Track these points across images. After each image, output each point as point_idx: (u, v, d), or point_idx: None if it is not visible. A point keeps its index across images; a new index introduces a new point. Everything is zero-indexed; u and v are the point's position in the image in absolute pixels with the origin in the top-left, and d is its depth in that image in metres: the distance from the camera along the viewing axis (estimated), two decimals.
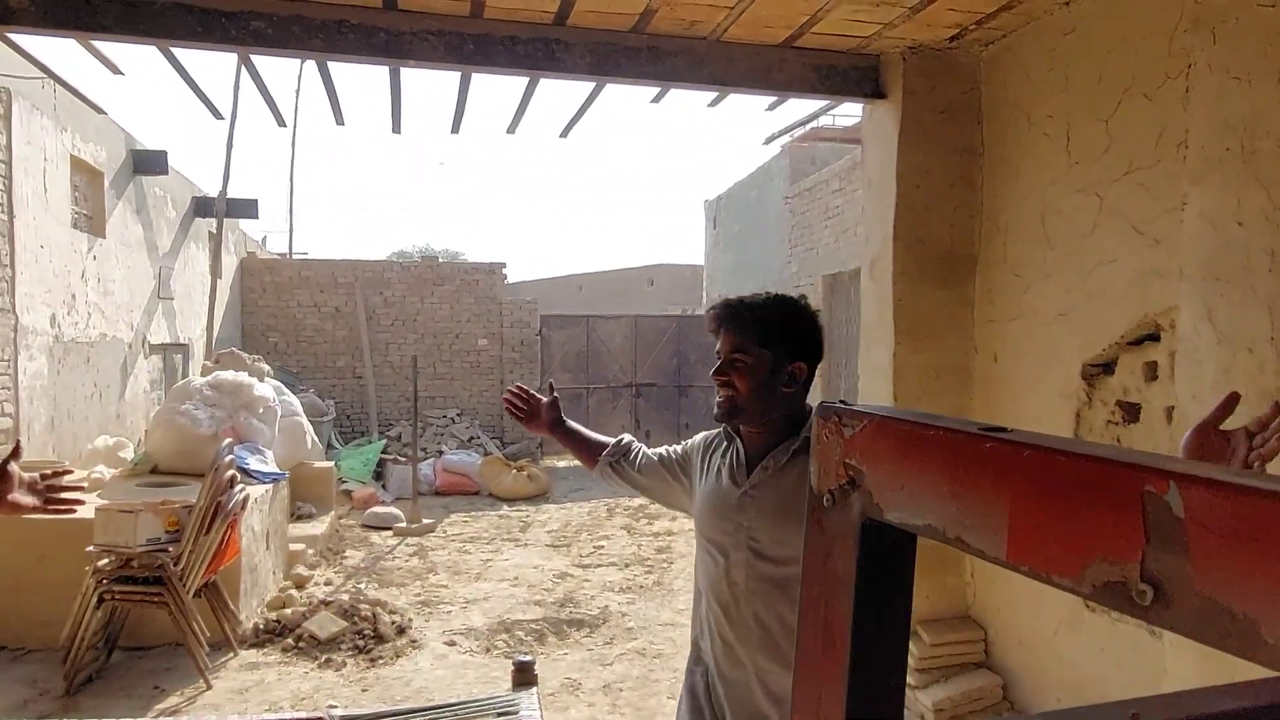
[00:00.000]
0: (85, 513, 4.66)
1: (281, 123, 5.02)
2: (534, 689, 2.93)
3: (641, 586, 6.33)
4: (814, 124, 9.56)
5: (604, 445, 2.28)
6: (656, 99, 4.50)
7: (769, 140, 5.66)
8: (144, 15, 3.37)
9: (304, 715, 2.72)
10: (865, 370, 4.41)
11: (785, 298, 1.89)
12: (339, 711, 2.75)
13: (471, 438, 11.95)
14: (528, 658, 3.08)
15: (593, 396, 13.09)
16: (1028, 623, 3.84)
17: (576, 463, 10.81)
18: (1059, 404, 3.61)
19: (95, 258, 7.38)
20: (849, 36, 3.86)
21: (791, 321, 1.84)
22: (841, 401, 0.61)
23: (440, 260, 13.51)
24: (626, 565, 6.93)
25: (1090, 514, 0.41)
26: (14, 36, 3.86)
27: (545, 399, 2.35)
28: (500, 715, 2.71)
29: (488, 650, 5.04)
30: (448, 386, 12.61)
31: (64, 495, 1.84)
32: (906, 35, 3.84)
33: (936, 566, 4.16)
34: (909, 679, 4.11)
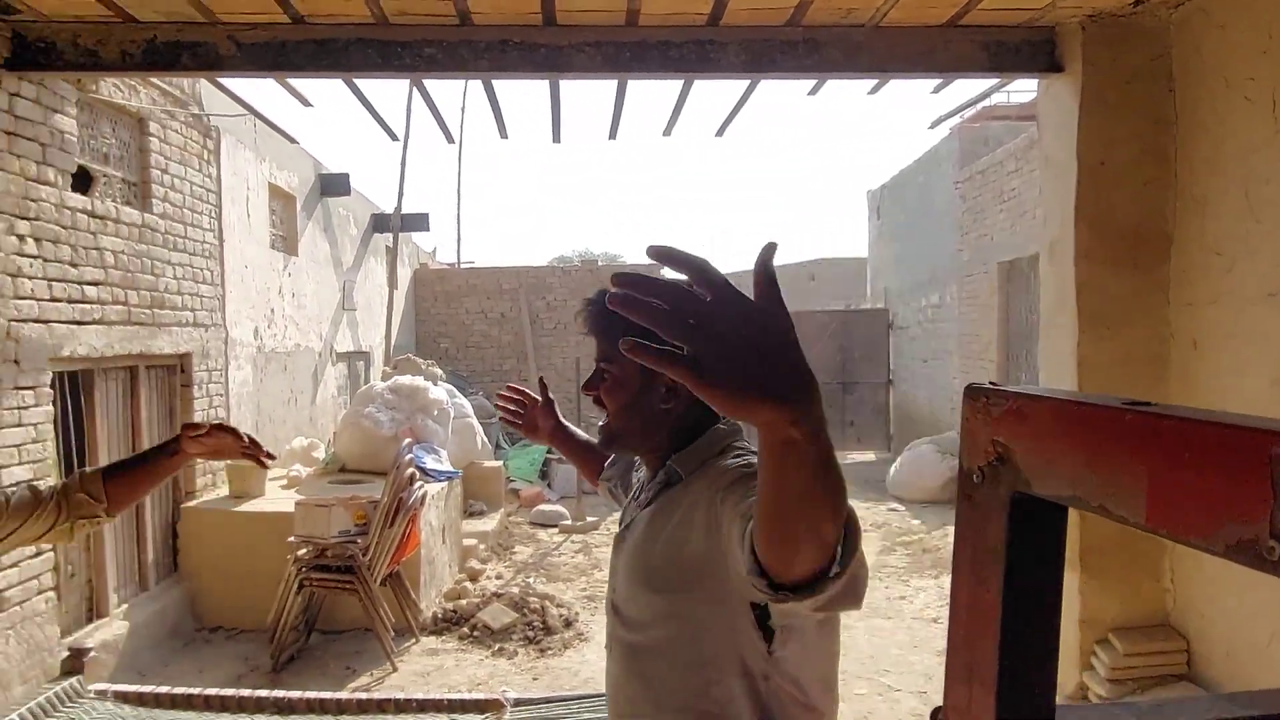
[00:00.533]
0: (286, 507, 5.13)
1: (450, 139, 5.30)
2: None
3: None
4: (985, 103, 9.03)
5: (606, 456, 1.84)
6: (813, 91, 4.41)
7: (935, 124, 5.40)
8: (330, 52, 3.66)
9: (482, 696, 2.87)
10: (1046, 361, 4.14)
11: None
12: (513, 695, 2.88)
13: None
14: None
15: None
16: (1237, 632, 3.48)
17: None
18: (1270, 391, 3.25)
19: (290, 274, 8.08)
20: (1020, 10, 3.63)
21: None
22: (991, 383, 0.63)
23: (600, 263, 13.86)
24: None
25: (1222, 477, 0.44)
26: (223, 80, 4.30)
27: (540, 400, 2.04)
28: None
29: None
30: None
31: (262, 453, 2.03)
32: (1084, 3, 3.57)
33: (1130, 570, 3.84)
34: (1100, 690, 3.81)
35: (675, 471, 1.34)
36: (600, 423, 1.43)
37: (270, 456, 1.93)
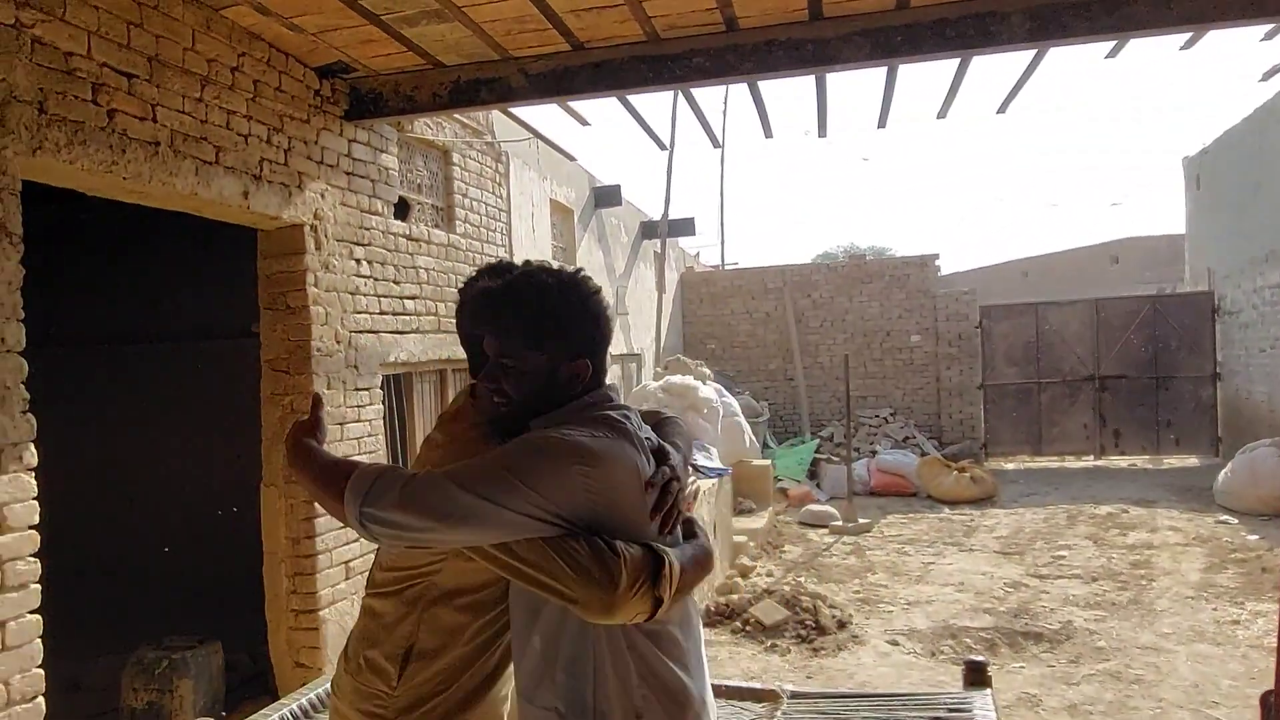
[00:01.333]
0: None
1: (716, 144, 5.42)
2: (988, 691, 2.76)
3: (1113, 603, 5.60)
4: None
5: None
6: (1112, 54, 3.98)
7: (1267, 76, 4.63)
8: (606, 73, 3.91)
9: (759, 686, 2.91)
10: None
11: (550, 284, 1.50)
12: (790, 688, 2.89)
13: (906, 437, 11.65)
14: (981, 659, 2.92)
15: (1045, 392, 11.86)
16: None
17: (1028, 464, 9.97)
18: None
19: None
20: None
21: (564, 316, 1.49)
22: None
23: (867, 258, 13.45)
24: (1094, 579, 6.18)
25: None
26: (513, 109, 4.74)
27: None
28: (951, 711, 2.61)
29: (933, 654, 4.87)
30: (879, 386, 12.47)
31: None
32: None
33: None
34: None
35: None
36: (494, 411, 1.52)
37: None
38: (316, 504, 1.48)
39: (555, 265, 1.61)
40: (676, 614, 1.47)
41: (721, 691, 2.94)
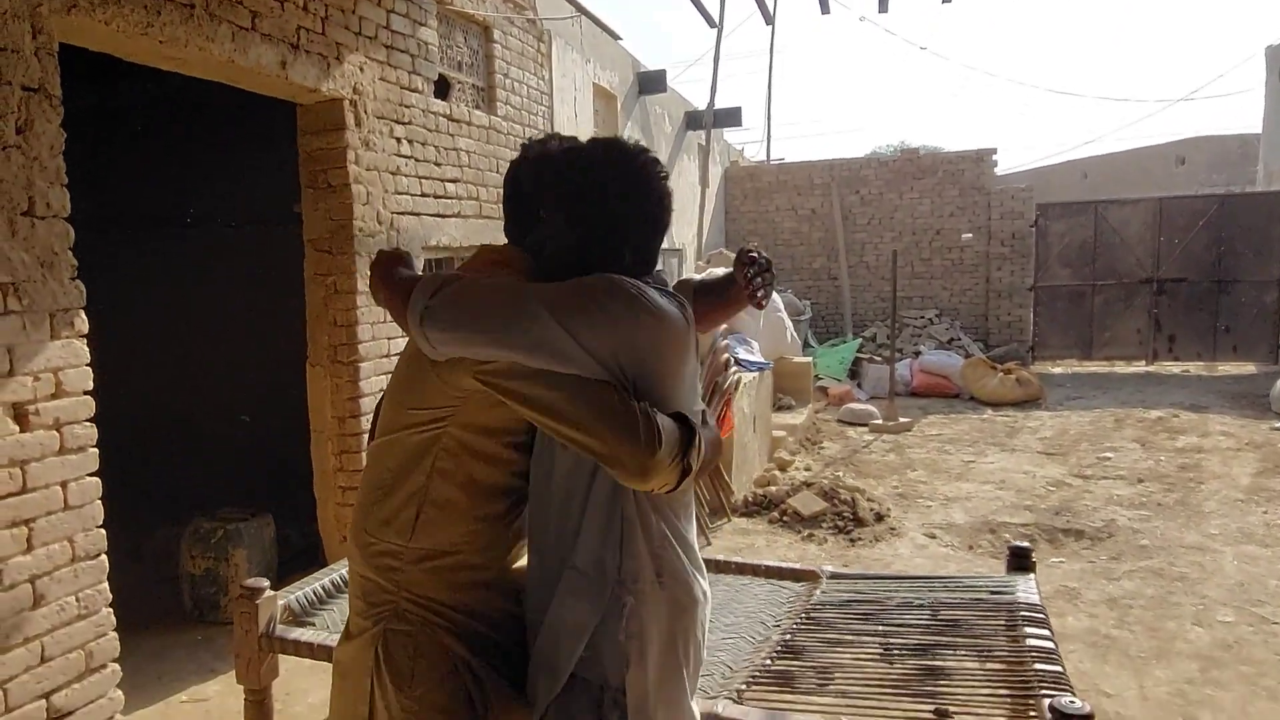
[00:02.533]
0: None
1: (768, 19, 5.15)
2: (1031, 575, 2.75)
3: (1159, 504, 5.53)
4: None
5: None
6: None
7: None
8: None
9: (798, 566, 2.92)
10: None
11: (604, 159, 1.46)
12: (829, 569, 2.89)
13: (951, 339, 11.45)
14: (1025, 544, 2.89)
15: (1099, 295, 11.49)
16: None
17: (1076, 369, 9.78)
18: None
19: None
20: None
21: (612, 193, 1.43)
22: None
23: (920, 153, 12.93)
24: (1140, 480, 6.10)
25: None
26: None
27: None
28: (992, 594, 2.60)
29: (970, 548, 4.87)
30: (926, 286, 12.19)
31: None
32: None
33: None
34: None
35: None
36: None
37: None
38: (394, 320, 1.46)
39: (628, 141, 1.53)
40: (689, 491, 1.48)
41: (760, 571, 2.95)
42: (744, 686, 2.10)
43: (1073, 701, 1.69)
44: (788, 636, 2.37)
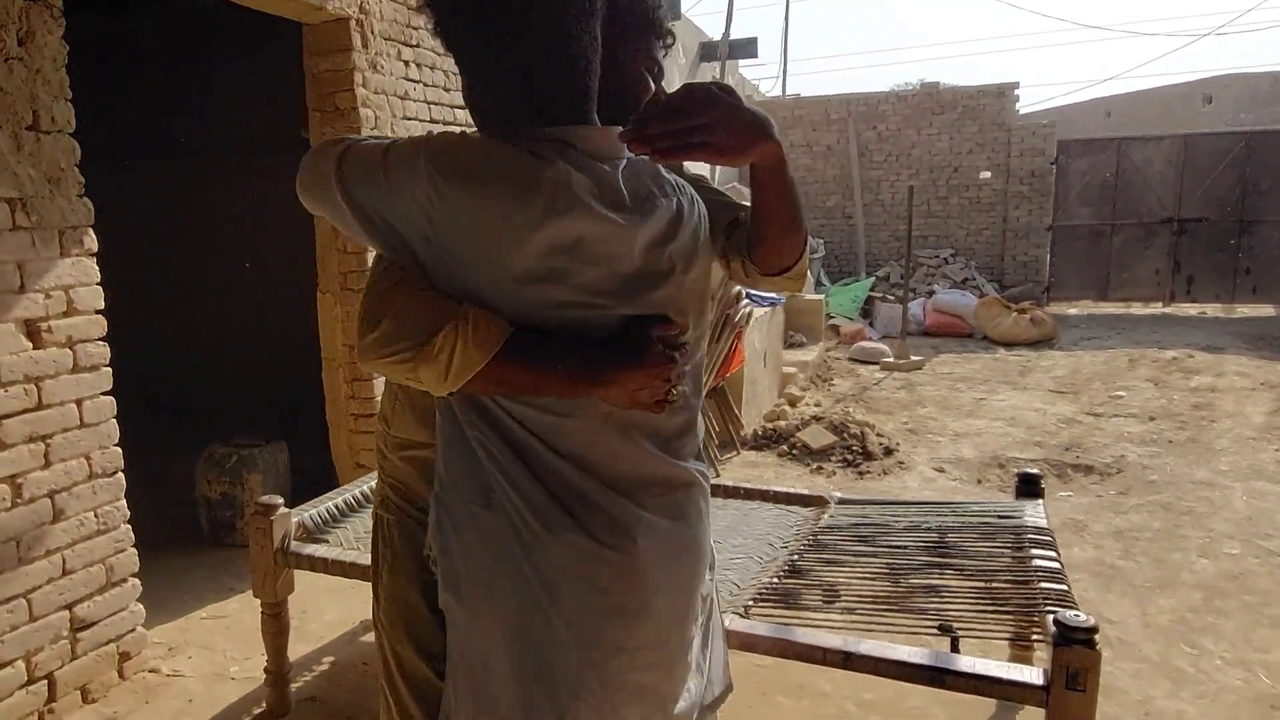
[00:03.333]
0: None
1: None
2: (1040, 501, 2.75)
3: (1170, 441, 5.52)
4: None
5: None
6: None
7: None
8: None
9: (806, 492, 2.94)
10: None
11: None
12: (838, 495, 2.91)
13: (966, 279, 11.33)
14: (1035, 471, 2.90)
15: (1118, 235, 11.30)
16: None
17: (1091, 310, 9.70)
18: None
19: None
20: None
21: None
22: None
23: (940, 88, 12.61)
24: (1151, 418, 6.08)
25: None
26: None
27: None
28: (1000, 518, 2.61)
29: (979, 481, 4.89)
30: (942, 225, 12.01)
31: None
32: None
33: None
34: None
35: None
36: None
37: None
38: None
39: None
40: (592, 408, 1.15)
41: (769, 496, 2.98)
42: (751, 603, 2.13)
43: (1077, 615, 1.70)
44: (795, 557, 2.40)
